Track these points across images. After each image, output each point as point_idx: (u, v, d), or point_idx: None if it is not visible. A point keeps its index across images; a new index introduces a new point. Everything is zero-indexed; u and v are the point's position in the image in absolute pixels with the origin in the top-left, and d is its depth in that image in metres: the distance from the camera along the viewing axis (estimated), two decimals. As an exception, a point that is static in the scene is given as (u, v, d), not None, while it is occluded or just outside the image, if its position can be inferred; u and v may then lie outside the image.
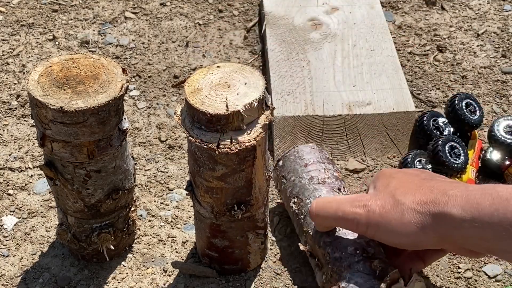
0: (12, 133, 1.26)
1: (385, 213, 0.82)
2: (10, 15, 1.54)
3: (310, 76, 1.30)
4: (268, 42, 1.39)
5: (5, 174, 1.19)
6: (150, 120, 1.30)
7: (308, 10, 1.47)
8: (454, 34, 1.49)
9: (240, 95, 0.86)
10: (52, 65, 0.91)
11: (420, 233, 0.80)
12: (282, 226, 1.10)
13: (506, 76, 1.38)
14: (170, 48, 1.46)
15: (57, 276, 1.03)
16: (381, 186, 0.86)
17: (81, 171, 0.92)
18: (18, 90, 1.36)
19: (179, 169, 1.20)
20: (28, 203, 1.14)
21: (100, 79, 0.90)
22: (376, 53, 1.35)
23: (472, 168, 1.15)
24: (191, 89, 0.88)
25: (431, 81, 1.36)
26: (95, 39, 1.48)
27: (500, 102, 1.32)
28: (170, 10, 1.56)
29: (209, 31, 1.50)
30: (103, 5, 1.57)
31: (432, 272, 1.04)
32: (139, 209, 1.13)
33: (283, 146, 1.21)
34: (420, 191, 0.81)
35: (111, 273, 1.03)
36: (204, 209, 0.95)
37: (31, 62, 1.42)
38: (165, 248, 1.07)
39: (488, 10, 1.55)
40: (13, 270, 1.04)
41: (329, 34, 1.40)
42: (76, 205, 0.96)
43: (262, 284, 1.02)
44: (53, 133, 0.88)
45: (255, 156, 0.89)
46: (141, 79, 1.38)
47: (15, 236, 1.09)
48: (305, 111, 1.22)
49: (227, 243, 0.98)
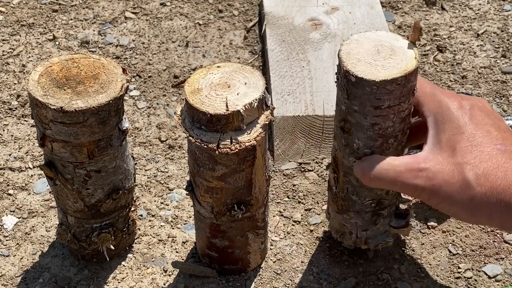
0: (12, 133, 1.26)
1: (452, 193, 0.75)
2: (10, 15, 1.54)
3: (310, 76, 1.30)
4: (268, 42, 1.39)
5: (5, 174, 1.19)
6: (150, 120, 1.30)
7: (308, 10, 1.47)
8: (454, 34, 1.49)
9: (240, 95, 0.86)
10: (52, 65, 0.91)
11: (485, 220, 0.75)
12: (282, 226, 1.10)
13: (506, 76, 1.38)
14: (170, 48, 1.46)
15: (57, 276, 1.03)
16: (446, 142, 0.77)
17: (81, 171, 0.92)
18: (18, 90, 1.36)
19: (179, 169, 1.20)
20: (28, 203, 1.14)
21: (100, 79, 0.90)
22: (376, 53, 1.35)
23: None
24: (191, 89, 0.88)
25: (431, 81, 1.36)
26: (95, 39, 1.48)
27: (500, 102, 1.33)
28: (170, 10, 1.56)
29: (209, 31, 1.50)
30: (103, 5, 1.57)
31: (432, 272, 1.04)
32: (139, 209, 1.13)
33: (283, 146, 1.21)
34: (494, 170, 0.73)
35: (111, 273, 1.03)
36: (204, 209, 0.95)
37: (31, 62, 1.42)
38: (165, 248, 1.07)
39: (488, 10, 1.55)
40: (13, 270, 1.04)
41: (329, 34, 1.40)
42: (76, 205, 0.96)
43: (262, 284, 1.02)
44: (53, 133, 0.88)
45: (255, 156, 0.89)
46: (141, 79, 1.39)
47: (15, 236, 1.09)
48: (305, 111, 1.22)
49: (227, 243, 0.98)
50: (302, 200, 1.14)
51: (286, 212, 1.12)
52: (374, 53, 0.87)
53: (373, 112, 0.86)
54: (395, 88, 0.84)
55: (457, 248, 1.07)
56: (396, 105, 0.86)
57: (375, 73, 0.84)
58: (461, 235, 1.09)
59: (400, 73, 0.83)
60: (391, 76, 0.83)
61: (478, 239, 1.08)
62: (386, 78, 0.83)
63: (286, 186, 1.16)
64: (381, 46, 0.88)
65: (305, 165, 1.20)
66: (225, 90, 0.87)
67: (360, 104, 0.86)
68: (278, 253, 1.06)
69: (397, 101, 0.85)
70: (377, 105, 0.85)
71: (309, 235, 1.09)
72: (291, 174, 1.18)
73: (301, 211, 1.12)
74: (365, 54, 0.87)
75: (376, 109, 0.86)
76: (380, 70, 0.84)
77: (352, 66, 0.85)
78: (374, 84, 0.83)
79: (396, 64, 0.85)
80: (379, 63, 0.85)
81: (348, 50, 0.87)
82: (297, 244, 1.07)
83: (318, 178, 1.18)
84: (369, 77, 0.83)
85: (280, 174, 1.19)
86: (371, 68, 0.85)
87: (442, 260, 1.05)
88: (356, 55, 0.87)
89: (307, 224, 1.10)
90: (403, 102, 0.86)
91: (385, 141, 0.89)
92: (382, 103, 0.85)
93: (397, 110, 0.86)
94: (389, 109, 0.86)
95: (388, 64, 0.85)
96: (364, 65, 0.85)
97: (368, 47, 0.88)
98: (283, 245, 1.07)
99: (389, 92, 0.84)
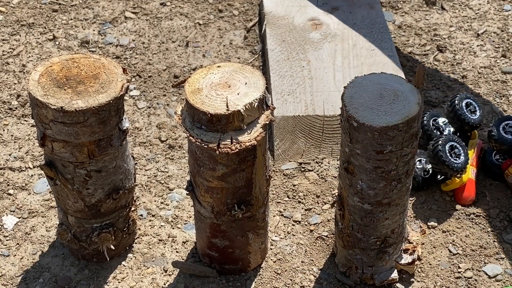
0: (13, 133, 1.26)
1: None
2: (10, 15, 1.54)
3: (310, 76, 1.30)
4: (268, 42, 1.39)
5: (5, 174, 1.19)
6: (150, 120, 1.30)
7: (308, 10, 1.47)
8: (454, 34, 1.49)
9: (240, 95, 0.86)
10: (52, 65, 0.91)
11: None
12: (282, 226, 1.10)
13: (506, 76, 1.38)
14: (170, 48, 1.46)
15: (58, 276, 1.03)
16: None
17: (81, 171, 0.92)
18: (18, 90, 1.35)
19: (179, 169, 1.20)
20: (29, 203, 1.14)
21: (101, 79, 0.90)
22: (376, 53, 1.35)
23: (472, 168, 1.15)
24: (192, 89, 0.88)
25: (431, 81, 1.36)
26: (95, 39, 1.48)
27: (500, 102, 1.33)
28: (170, 10, 1.56)
29: (209, 31, 1.50)
30: (103, 5, 1.57)
31: (432, 272, 1.04)
32: (140, 209, 1.13)
33: (283, 146, 1.21)
34: None
35: (112, 272, 1.03)
36: (205, 209, 0.95)
37: (31, 62, 1.42)
38: (166, 247, 1.07)
39: (488, 10, 1.55)
40: (13, 270, 1.04)
41: (329, 34, 1.40)
42: (77, 205, 0.96)
43: (262, 284, 1.02)
44: (54, 133, 0.88)
45: (255, 156, 0.89)
46: (141, 79, 1.38)
47: (16, 236, 1.09)
48: (305, 111, 1.22)
49: (228, 243, 0.98)
50: (302, 200, 1.14)
51: (286, 212, 1.12)
52: (377, 97, 0.88)
53: (375, 156, 0.87)
54: (397, 134, 0.85)
55: (457, 248, 1.07)
56: (398, 150, 0.87)
57: (377, 119, 0.84)
58: (461, 235, 1.09)
59: (401, 119, 0.84)
60: (393, 122, 0.84)
61: (478, 239, 1.08)
62: (387, 124, 0.84)
63: (286, 186, 1.16)
64: (384, 91, 0.88)
65: (305, 165, 1.20)
66: (226, 90, 0.87)
67: (362, 148, 0.87)
68: (278, 253, 1.06)
69: (399, 146, 0.86)
70: (379, 150, 0.86)
71: (309, 235, 1.09)
72: (291, 174, 1.18)
73: (301, 211, 1.12)
74: (368, 99, 0.87)
75: (378, 153, 0.87)
76: (382, 116, 0.85)
77: (355, 111, 0.86)
78: (376, 130, 0.84)
79: (398, 110, 0.85)
80: (381, 109, 0.86)
81: (351, 94, 0.88)
82: (297, 244, 1.07)
83: (318, 178, 1.18)
84: (371, 123, 0.84)
85: (280, 174, 1.19)
86: (373, 113, 0.85)
87: (442, 260, 1.05)
88: (359, 99, 0.87)
89: (307, 224, 1.10)
90: (406, 147, 0.87)
91: (388, 183, 0.90)
92: (384, 148, 0.86)
93: (400, 155, 0.87)
94: (391, 153, 0.87)
95: (391, 109, 0.85)
96: (367, 110, 0.86)
97: (371, 91, 0.89)
98: (283, 245, 1.07)
99: (390, 138, 0.85)
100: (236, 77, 0.89)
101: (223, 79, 0.89)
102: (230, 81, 0.89)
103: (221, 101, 0.85)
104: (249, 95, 0.86)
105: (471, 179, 1.14)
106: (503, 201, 1.14)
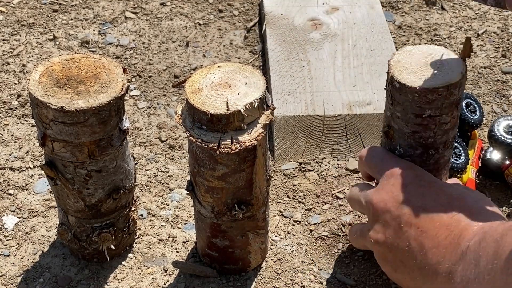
0: (13, 133, 1.27)
1: None
2: (10, 15, 1.54)
3: (310, 76, 1.30)
4: (268, 42, 1.39)
5: (5, 174, 1.19)
6: (151, 120, 1.30)
7: (308, 10, 1.47)
8: (454, 34, 1.49)
9: (240, 95, 0.86)
10: (53, 64, 0.91)
11: None
12: (283, 225, 1.10)
13: (506, 76, 1.38)
14: (170, 48, 1.46)
15: (58, 276, 1.03)
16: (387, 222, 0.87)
17: (81, 170, 0.92)
18: (18, 90, 1.36)
19: (179, 168, 1.20)
20: (29, 203, 1.14)
21: (101, 79, 0.90)
22: (376, 53, 1.35)
23: (472, 168, 1.16)
24: (192, 89, 0.88)
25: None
26: (96, 39, 1.48)
27: (500, 102, 1.33)
28: (170, 10, 1.56)
29: (209, 31, 1.50)
30: (103, 5, 1.57)
31: (432, 272, 1.04)
32: (140, 208, 1.13)
33: (284, 146, 1.21)
34: None
35: (112, 272, 1.03)
36: (205, 209, 0.95)
37: (31, 62, 1.42)
38: (166, 247, 1.07)
39: (488, 10, 1.55)
40: (13, 270, 1.04)
41: (329, 34, 1.40)
42: (77, 205, 0.96)
43: (262, 284, 1.02)
44: (54, 132, 0.88)
45: (255, 156, 0.89)
46: (141, 79, 1.39)
47: (16, 236, 1.09)
48: (306, 111, 1.22)
49: (228, 242, 0.98)
50: (302, 200, 1.14)
51: (287, 212, 1.12)
52: (422, 64, 0.89)
53: (414, 120, 0.88)
54: (436, 98, 0.85)
55: (457, 248, 1.07)
56: (437, 115, 0.87)
57: (418, 82, 0.86)
58: (461, 235, 1.09)
59: (442, 84, 0.85)
60: (433, 85, 0.85)
61: (478, 239, 1.08)
62: (428, 87, 0.85)
63: (286, 186, 1.17)
64: (431, 59, 0.90)
65: (306, 165, 1.20)
66: (226, 90, 0.87)
67: (402, 111, 0.88)
68: (278, 252, 1.06)
69: (438, 112, 0.87)
70: (418, 113, 0.87)
71: (309, 235, 1.09)
72: (291, 174, 1.19)
73: (301, 211, 1.13)
74: (414, 64, 0.89)
75: (417, 117, 0.88)
76: (424, 79, 0.86)
77: (398, 73, 0.87)
78: (416, 91, 0.85)
79: (441, 77, 0.87)
80: (425, 74, 0.87)
81: (398, 59, 0.90)
82: (297, 244, 1.07)
83: (318, 178, 1.18)
84: (411, 85, 0.86)
85: (281, 174, 1.19)
86: (416, 77, 0.87)
87: (442, 260, 1.05)
88: (405, 64, 0.89)
89: (307, 224, 1.10)
90: (445, 114, 0.88)
91: (425, 151, 0.90)
92: (423, 112, 0.87)
93: (438, 122, 0.88)
94: (429, 119, 0.87)
95: (434, 75, 0.87)
96: (410, 73, 0.88)
97: (418, 58, 0.90)
98: (283, 245, 1.07)
99: (430, 102, 0.86)
100: (236, 77, 0.89)
101: (223, 79, 0.89)
102: (231, 81, 0.89)
103: (221, 101, 0.85)
104: (250, 95, 0.86)
105: (471, 179, 1.14)
106: (503, 201, 1.14)
